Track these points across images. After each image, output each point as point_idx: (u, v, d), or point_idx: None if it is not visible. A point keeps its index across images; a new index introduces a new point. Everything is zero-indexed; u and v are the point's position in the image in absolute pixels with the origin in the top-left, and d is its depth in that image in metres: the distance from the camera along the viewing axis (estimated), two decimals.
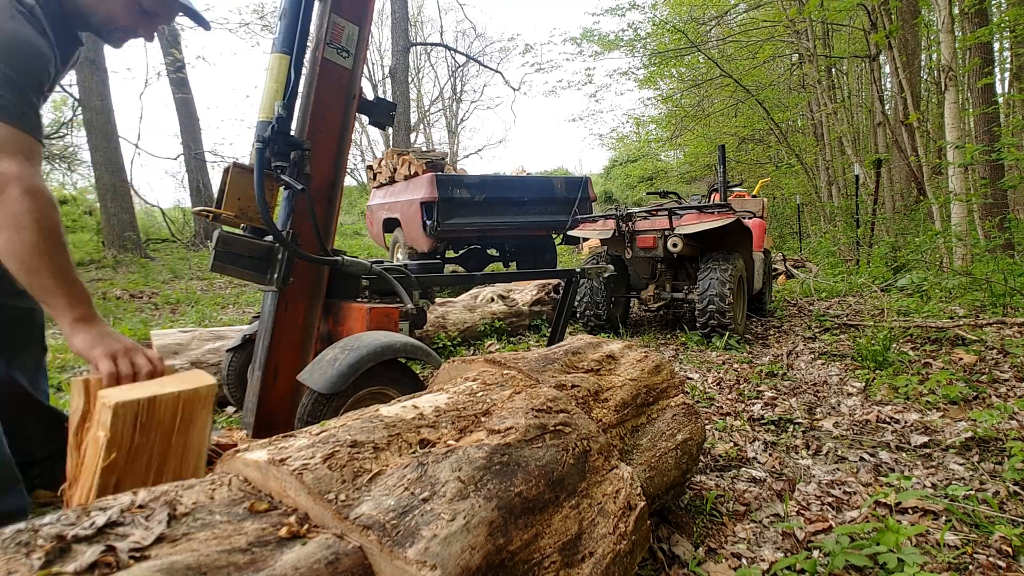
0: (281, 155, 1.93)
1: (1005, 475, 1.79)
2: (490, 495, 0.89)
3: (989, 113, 6.77)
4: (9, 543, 0.65)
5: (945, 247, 6.48)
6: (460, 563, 0.77)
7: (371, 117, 2.27)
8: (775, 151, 15.32)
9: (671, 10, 12.79)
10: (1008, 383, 2.69)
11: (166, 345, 2.76)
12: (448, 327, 4.02)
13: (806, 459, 2.05)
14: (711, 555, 1.45)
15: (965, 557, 1.39)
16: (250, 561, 0.69)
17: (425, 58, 26.02)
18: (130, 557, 0.66)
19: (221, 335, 2.95)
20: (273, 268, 1.98)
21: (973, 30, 6.61)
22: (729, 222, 3.77)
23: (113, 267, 8.64)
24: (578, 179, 6.72)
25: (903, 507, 1.64)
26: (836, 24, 10.82)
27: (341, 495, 0.81)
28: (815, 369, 3.21)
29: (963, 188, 6.03)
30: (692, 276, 4.30)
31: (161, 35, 11.19)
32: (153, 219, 13.81)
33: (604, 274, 3.21)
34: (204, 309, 5.57)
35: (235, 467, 0.92)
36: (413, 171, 6.39)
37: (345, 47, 2.09)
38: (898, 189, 10.47)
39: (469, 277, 3.37)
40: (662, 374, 1.66)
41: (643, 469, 1.35)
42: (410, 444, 0.97)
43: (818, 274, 7.53)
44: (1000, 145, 5.92)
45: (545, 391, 1.27)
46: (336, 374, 1.62)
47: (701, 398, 2.70)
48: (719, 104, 13.80)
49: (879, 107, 9.18)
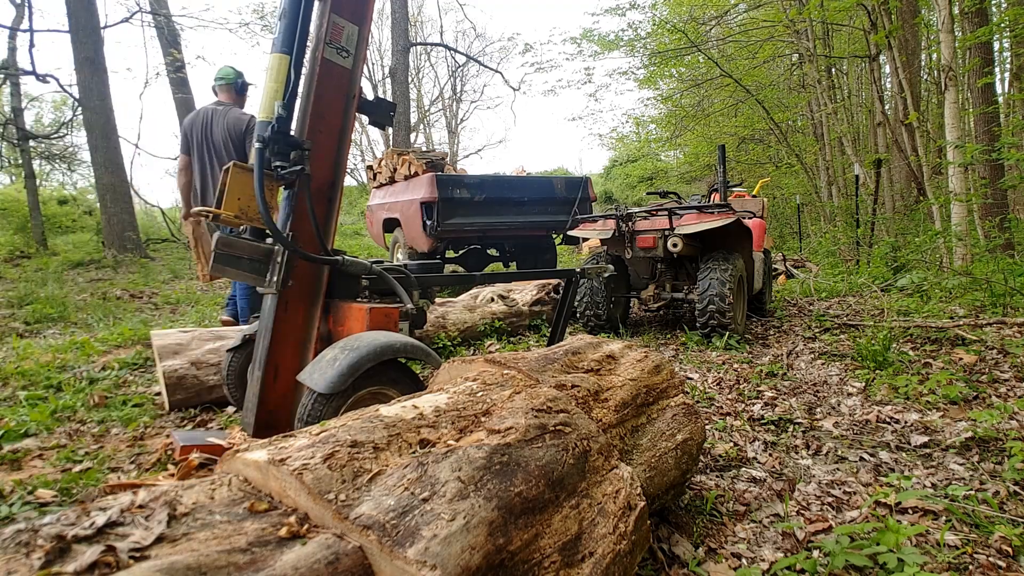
0: (281, 155, 1.93)
1: (1005, 475, 1.79)
2: (490, 495, 0.89)
3: (989, 113, 6.76)
4: (9, 543, 0.65)
5: (945, 247, 6.48)
6: (460, 563, 0.77)
7: (371, 117, 2.27)
8: (775, 151, 15.31)
9: (671, 10, 12.78)
10: (1008, 383, 2.69)
11: (166, 345, 2.76)
12: (448, 327, 4.02)
13: (806, 459, 2.05)
14: (711, 555, 1.45)
15: (965, 557, 1.39)
16: (250, 561, 0.69)
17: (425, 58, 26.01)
18: (130, 557, 0.66)
19: (221, 335, 2.95)
20: (273, 271, 1.98)
21: (973, 30, 6.60)
22: (729, 222, 3.76)
23: (113, 267, 8.64)
24: (578, 179, 6.71)
25: (903, 507, 1.64)
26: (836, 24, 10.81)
27: (341, 495, 0.81)
28: (815, 369, 3.21)
29: (963, 188, 6.02)
30: (692, 276, 4.29)
31: (161, 35, 11.19)
32: (153, 219, 13.81)
33: (604, 274, 3.21)
34: (204, 309, 5.57)
35: (235, 467, 0.92)
36: (413, 171, 6.39)
37: (345, 47, 2.09)
38: (898, 189, 10.47)
39: (469, 277, 3.37)
40: (662, 374, 1.66)
41: (643, 469, 1.35)
42: (410, 444, 0.97)
43: (818, 274, 7.52)
44: (1000, 145, 5.91)
45: (545, 391, 1.27)
46: (336, 374, 1.62)
47: (701, 398, 2.70)
48: (719, 104, 13.79)
49: (879, 107, 9.18)
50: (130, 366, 3.20)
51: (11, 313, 5.24)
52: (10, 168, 15.31)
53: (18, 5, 10.11)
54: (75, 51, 8.98)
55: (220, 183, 2.02)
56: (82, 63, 8.96)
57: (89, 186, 17.17)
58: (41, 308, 5.16)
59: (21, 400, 2.67)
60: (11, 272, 8.08)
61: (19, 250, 9.95)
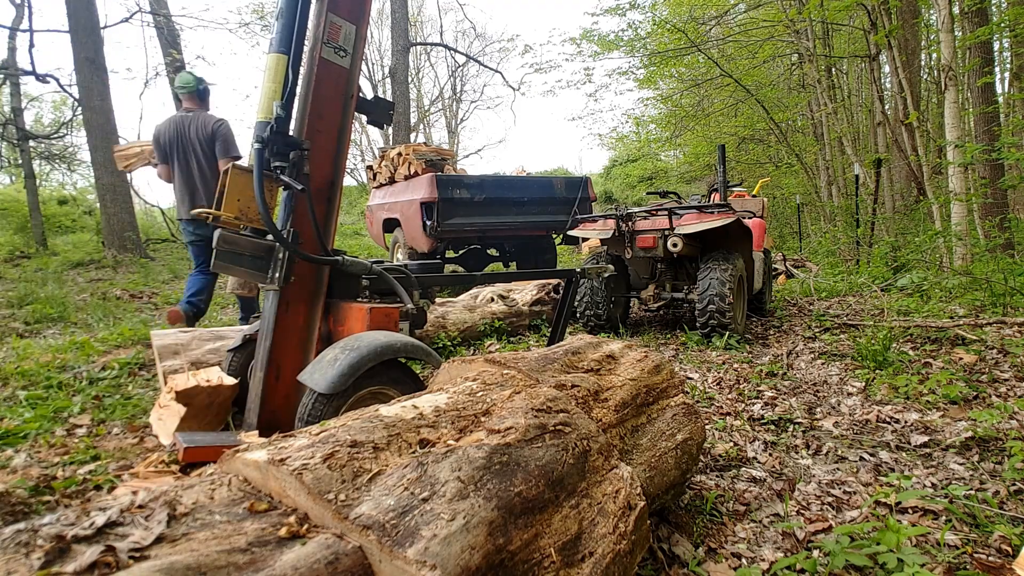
0: (280, 155, 1.93)
1: (1005, 475, 1.79)
2: (490, 495, 0.89)
3: (989, 112, 6.76)
4: (9, 543, 0.65)
5: (945, 247, 6.48)
6: (460, 563, 0.77)
7: (369, 116, 2.27)
8: (775, 151, 15.31)
9: (671, 10, 12.77)
10: (1008, 383, 2.69)
11: (166, 345, 2.76)
12: (448, 327, 4.02)
13: (806, 459, 2.05)
14: (711, 555, 1.45)
15: (965, 557, 1.39)
16: (250, 561, 0.69)
17: (425, 58, 25.99)
18: (130, 557, 0.66)
19: (221, 335, 2.95)
20: (274, 267, 1.98)
21: (973, 30, 6.60)
22: (729, 222, 3.76)
23: (113, 267, 8.63)
24: (578, 179, 6.72)
25: (903, 507, 1.64)
26: (836, 24, 10.80)
27: (341, 495, 0.81)
28: (815, 369, 3.21)
29: (963, 188, 6.02)
30: (692, 276, 4.29)
31: (161, 35, 11.18)
32: (153, 219, 13.81)
33: (604, 274, 3.21)
34: None
35: (235, 467, 0.92)
36: (413, 171, 6.39)
37: (343, 46, 2.09)
38: (898, 189, 10.46)
39: (469, 277, 3.37)
40: (662, 374, 1.66)
41: (643, 469, 1.35)
42: (410, 444, 0.97)
43: (818, 274, 7.52)
44: (1000, 145, 5.91)
45: (545, 391, 1.27)
46: (336, 374, 1.62)
47: (701, 398, 2.70)
48: (719, 104, 13.77)
49: (879, 107, 9.17)
50: (130, 366, 3.20)
51: (11, 313, 5.24)
52: (10, 168, 15.32)
53: (18, 5, 10.11)
54: (75, 51, 8.97)
55: (220, 184, 2.02)
56: (82, 63, 8.96)
57: (89, 186, 17.15)
58: (41, 308, 5.15)
59: (21, 400, 2.67)
60: (11, 272, 8.08)
61: (19, 250, 9.95)
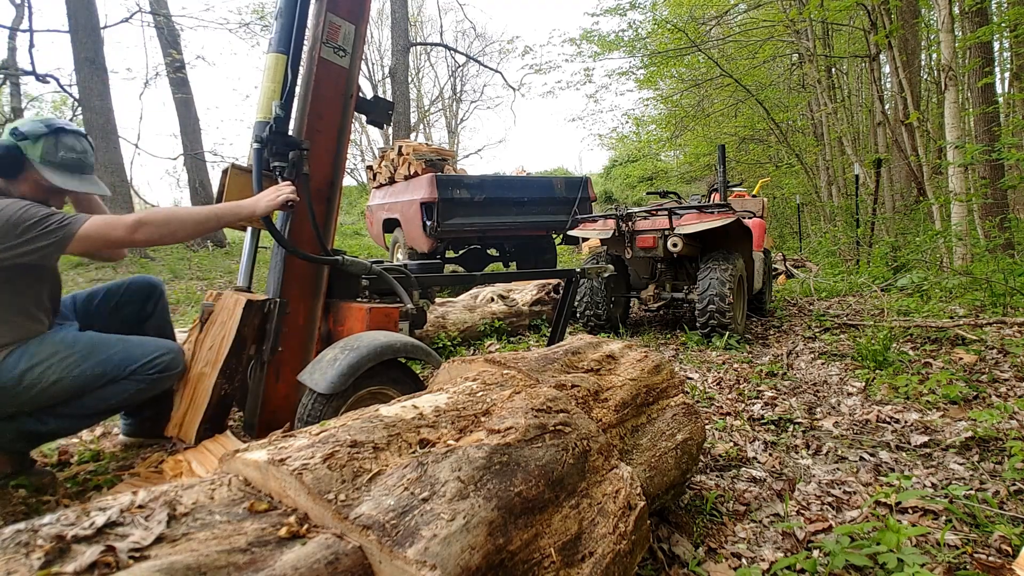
0: (279, 155, 1.93)
1: (1005, 475, 1.79)
2: (490, 495, 0.89)
3: (989, 113, 6.76)
4: (9, 543, 0.65)
5: (945, 247, 6.48)
6: (460, 563, 0.77)
7: (369, 116, 2.27)
8: (775, 151, 15.31)
9: (671, 10, 12.77)
10: (1008, 383, 2.69)
11: None
12: (448, 327, 4.02)
13: (806, 459, 2.05)
14: (711, 555, 1.45)
15: (965, 557, 1.39)
16: (250, 561, 0.69)
17: (425, 58, 26.01)
18: (130, 557, 0.66)
19: None
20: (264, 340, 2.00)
21: (973, 30, 6.60)
22: (729, 222, 3.76)
23: (113, 267, 8.64)
24: (578, 179, 6.71)
25: (903, 507, 1.64)
26: (836, 24, 10.81)
27: (341, 495, 0.81)
28: (815, 369, 3.21)
29: (963, 188, 6.02)
30: (692, 276, 4.29)
31: (161, 35, 11.18)
32: None
33: (604, 274, 3.21)
34: None
35: (235, 467, 0.92)
36: (413, 171, 6.39)
37: (342, 46, 2.09)
38: (898, 189, 10.46)
39: (469, 277, 3.37)
40: (662, 374, 1.66)
41: (643, 469, 1.35)
42: (410, 444, 0.97)
43: (818, 274, 7.52)
44: (1000, 145, 5.92)
45: (545, 391, 1.27)
46: (336, 374, 1.62)
47: (701, 398, 2.70)
48: (719, 104, 13.78)
49: (879, 107, 9.18)
50: None
51: None
52: None
53: (18, 5, 10.11)
54: (75, 51, 8.97)
55: (219, 184, 2.02)
56: (82, 63, 8.95)
57: None
58: None
59: None
60: None
61: None
